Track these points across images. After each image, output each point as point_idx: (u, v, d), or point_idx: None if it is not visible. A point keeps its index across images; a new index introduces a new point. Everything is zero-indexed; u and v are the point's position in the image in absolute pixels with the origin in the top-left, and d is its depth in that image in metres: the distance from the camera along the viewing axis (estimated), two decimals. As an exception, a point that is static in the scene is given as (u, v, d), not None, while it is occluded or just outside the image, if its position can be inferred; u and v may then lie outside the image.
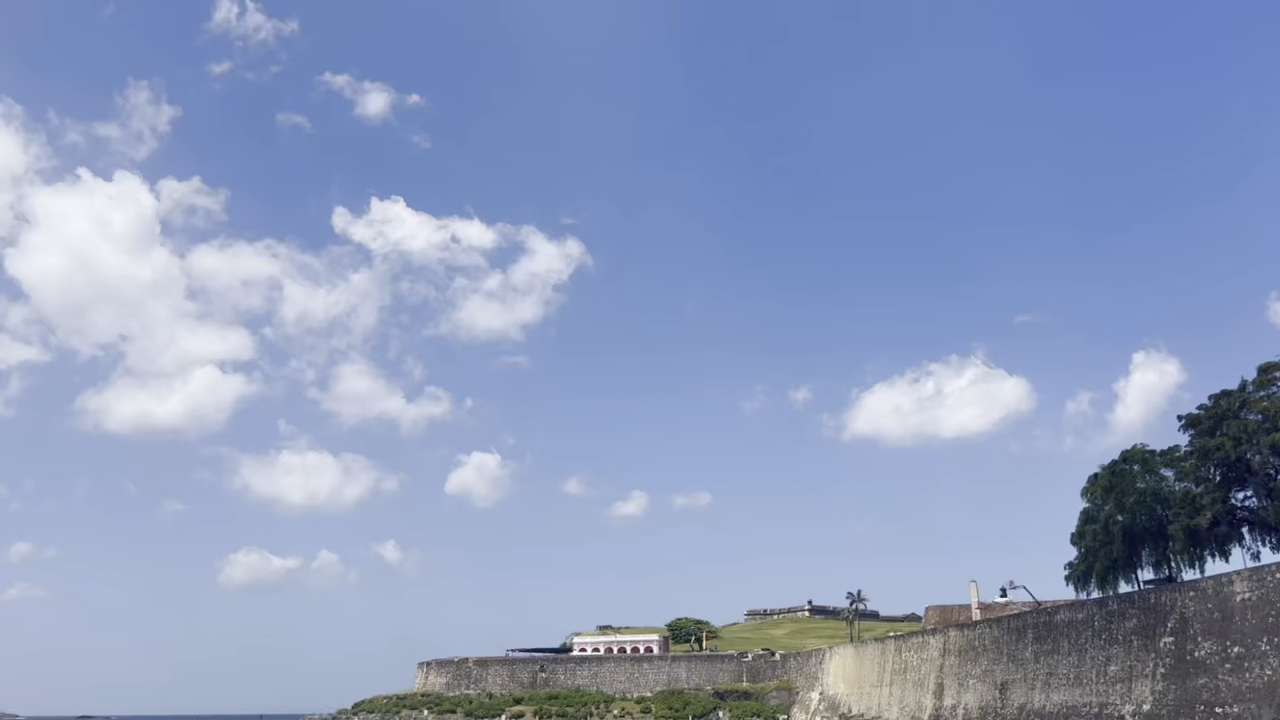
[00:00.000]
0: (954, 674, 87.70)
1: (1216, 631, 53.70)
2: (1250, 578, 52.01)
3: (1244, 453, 58.77)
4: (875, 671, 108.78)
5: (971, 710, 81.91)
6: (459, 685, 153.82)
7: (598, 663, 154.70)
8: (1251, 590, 51.59)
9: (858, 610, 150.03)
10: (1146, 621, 60.52)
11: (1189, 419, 64.73)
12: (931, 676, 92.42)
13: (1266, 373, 60.79)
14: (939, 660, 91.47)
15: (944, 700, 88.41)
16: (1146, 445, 73.77)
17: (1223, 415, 61.80)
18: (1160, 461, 71.76)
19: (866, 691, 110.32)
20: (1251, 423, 58.84)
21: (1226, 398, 62.50)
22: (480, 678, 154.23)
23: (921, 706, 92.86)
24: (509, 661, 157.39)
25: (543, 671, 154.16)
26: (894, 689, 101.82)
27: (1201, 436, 62.29)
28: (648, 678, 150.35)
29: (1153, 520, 69.38)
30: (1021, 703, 73.74)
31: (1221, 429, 60.92)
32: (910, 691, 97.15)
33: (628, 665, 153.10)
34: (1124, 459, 74.05)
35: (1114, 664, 62.83)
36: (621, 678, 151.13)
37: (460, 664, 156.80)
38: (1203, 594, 55.82)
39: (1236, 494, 61.70)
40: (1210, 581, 55.69)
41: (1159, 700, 57.24)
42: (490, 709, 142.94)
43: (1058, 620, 71.74)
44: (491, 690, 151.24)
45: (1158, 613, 59.65)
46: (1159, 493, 69.59)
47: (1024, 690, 74.05)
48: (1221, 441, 59.47)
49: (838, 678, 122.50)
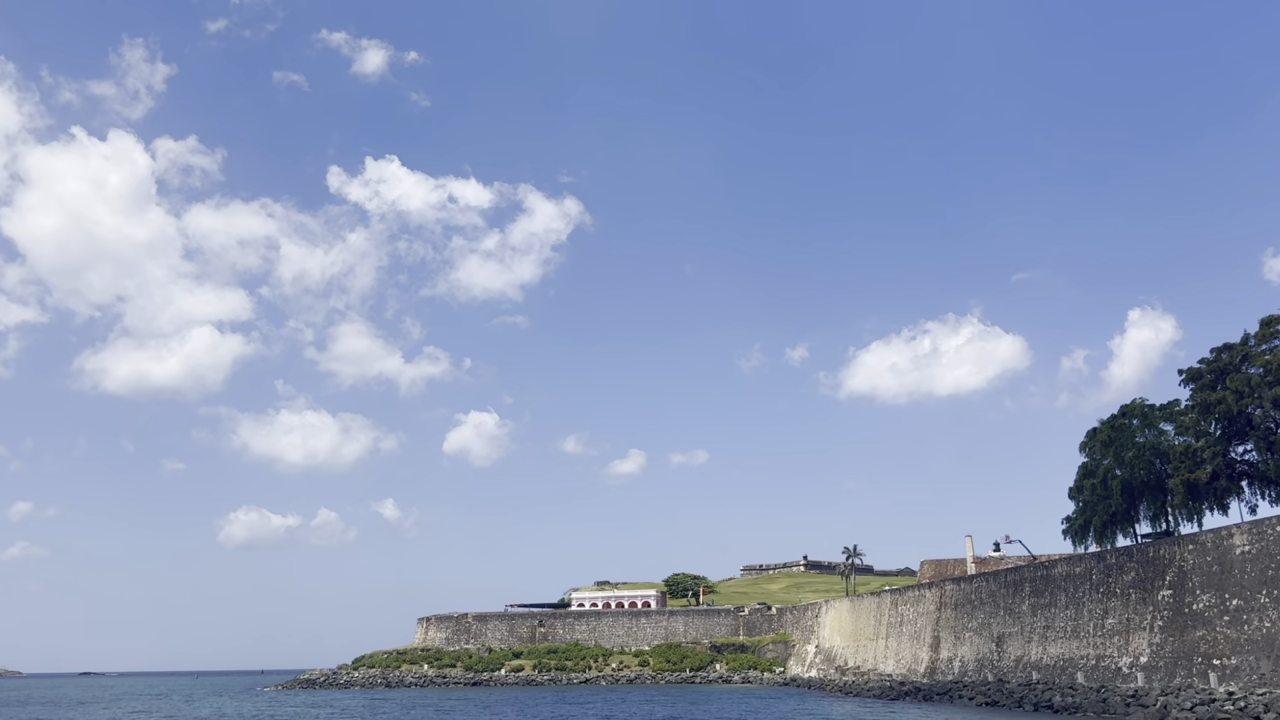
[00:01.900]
0: (950, 627, 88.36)
1: (1215, 584, 53.85)
2: (1250, 531, 52.01)
3: (1245, 406, 58.44)
4: (871, 625, 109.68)
5: (968, 663, 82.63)
6: (458, 640, 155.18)
7: (596, 617, 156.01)
8: (1251, 543, 51.62)
9: (854, 565, 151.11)
10: (1145, 575, 60.72)
11: (1190, 373, 64.30)
12: (928, 629, 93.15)
13: (1269, 326, 60.20)
14: (935, 614, 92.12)
15: (940, 653, 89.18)
16: (1146, 400, 73.52)
17: (1224, 369, 61.39)
18: (1160, 416, 71.48)
19: (863, 645, 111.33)
20: (1254, 376, 58.41)
21: (1228, 351, 62.04)
22: (480, 633, 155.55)
23: (918, 659, 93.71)
24: (508, 617, 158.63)
25: (541, 626, 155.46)
26: (890, 642, 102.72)
27: (1203, 391, 61.92)
28: (645, 632, 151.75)
29: (1151, 474, 69.29)
30: (1018, 655, 74.32)
31: (1223, 383, 60.53)
32: (906, 644, 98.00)
33: (625, 620, 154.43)
34: (1123, 413, 73.77)
35: (1111, 617, 63.16)
36: (620, 632, 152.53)
37: (460, 619, 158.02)
38: (1202, 547, 55.90)
39: (1236, 448, 61.49)
40: (1210, 535, 55.73)
41: (1156, 652, 57.59)
42: (489, 663, 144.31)
43: (1055, 574, 72.04)
44: (491, 645, 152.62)
45: (1156, 566, 59.82)
46: (1158, 447, 69.41)
47: (1021, 643, 74.60)
48: (1223, 395, 59.11)
49: (834, 631, 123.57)
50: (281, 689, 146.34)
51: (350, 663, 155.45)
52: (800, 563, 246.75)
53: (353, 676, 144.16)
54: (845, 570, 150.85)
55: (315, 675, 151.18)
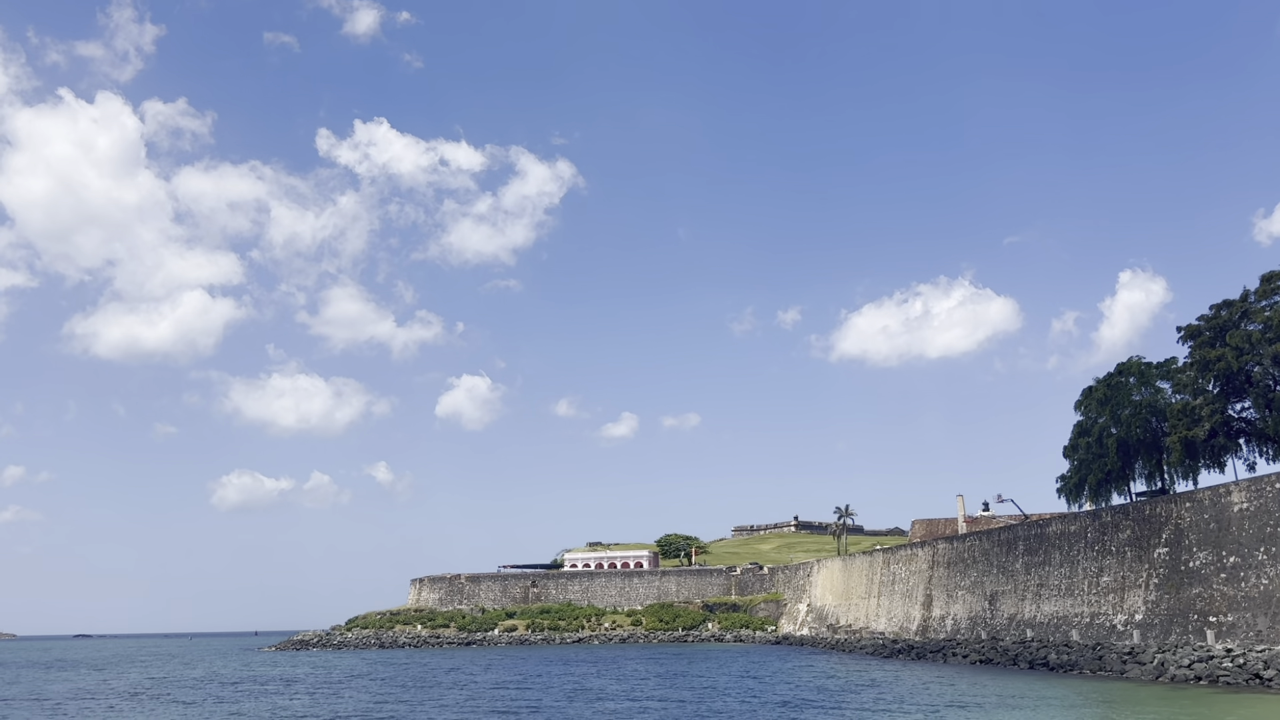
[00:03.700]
0: (943, 585, 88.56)
1: (1212, 541, 53.65)
2: (1249, 488, 51.69)
3: (1245, 363, 57.83)
4: (863, 584, 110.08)
5: (961, 621, 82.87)
6: (452, 601, 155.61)
7: (589, 578, 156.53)
8: (1250, 500, 51.33)
9: (845, 525, 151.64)
10: (1141, 532, 60.55)
11: (1188, 330, 63.58)
12: (920, 588, 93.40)
13: (1270, 282, 59.36)
14: (928, 572, 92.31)
15: (933, 611, 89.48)
16: (1143, 358, 72.91)
17: (1223, 326, 60.66)
18: (1156, 374, 70.94)
19: (854, 603, 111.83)
20: (1254, 333, 57.74)
21: (1227, 308, 61.26)
22: (473, 593, 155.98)
23: (910, 617, 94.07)
24: (501, 577, 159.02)
25: (534, 587, 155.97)
26: (882, 600, 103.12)
27: (1202, 348, 61.25)
28: (638, 592, 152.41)
29: (1147, 432, 68.92)
30: (1012, 613, 74.47)
31: (1222, 339, 59.87)
32: (899, 603, 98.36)
33: (618, 580, 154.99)
34: (1119, 371, 73.23)
35: (1106, 575, 63.12)
36: (612, 592, 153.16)
37: (453, 580, 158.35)
38: (1199, 504, 55.64)
39: (1234, 405, 61.01)
40: (1207, 492, 55.43)
41: (1152, 610, 57.56)
42: (483, 623, 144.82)
43: (1049, 532, 71.95)
44: (484, 605, 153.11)
45: (1152, 524, 59.62)
46: (1154, 405, 68.96)
47: (1014, 601, 74.71)
48: (1223, 352, 58.44)
49: (825, 590, 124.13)
50: (275, 650, 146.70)
51: (344, 623, 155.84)
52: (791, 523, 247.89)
53: (346, 637, 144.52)
54: (837, 530, 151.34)
55: (309, 636, 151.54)
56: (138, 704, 56.00)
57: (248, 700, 56.71)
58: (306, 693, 61.50)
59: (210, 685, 70.64)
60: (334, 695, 58.66)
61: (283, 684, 70.53)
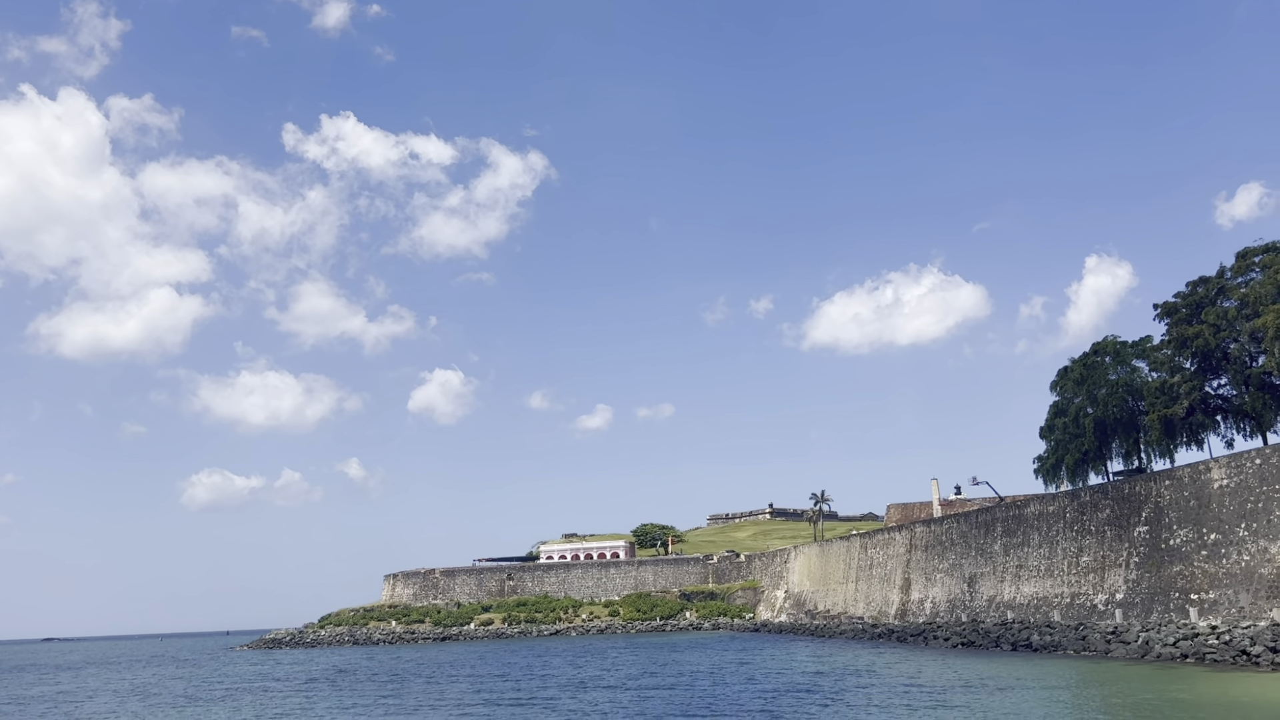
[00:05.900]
0: (921, 569, 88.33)
1: (1193, 519, 53.43)
2: (1229, 464, 51.47)
3: (1222, 340, 57.64)
4: (841, 569, 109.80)
5: (939, 604, 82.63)
6: (426, 596, 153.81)
7: (565, 569, 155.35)
8: (1230, 477, 51.11)
9: (821, 511, 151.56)
10: (1120, 511, 60.33)
11: (1165, 307, 63.34)
12: (898, 572, 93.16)
13: (1245, 258, 59.25)
14: (905, 556, 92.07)
15: (911, 595, 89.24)
16: (1118, 337, 72.75)
17: (1200, 303, 60.47)
18: (1132, 353, 70.76)
19: (832, 588, 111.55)
20: (1230, 310, 57.57)
21: (1204, 285, 61.06)
22: (448, 588, 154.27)
23: (888, 601, 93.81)
24: (476, 571, 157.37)
25: (510, 580, 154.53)
26: (860, 585, 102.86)
27: (1179, 325, 61.05)
28: (615, 582, 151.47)
29: (1124, 411, 68.70)
30: (991, 595, 74.24)
31: (1199, 317, 59.66)
32: (876, 587, 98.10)
33: (595, 571, 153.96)
34: (1095, 351, 72.97)
35: (1086, 554, 62.89)
36: (589, 583, 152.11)
37: (427, 575, 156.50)
38: (1179, 482, 55.43)
39: (1212, 382, 60.87)
40: (1187, 469, 55.22)
41: (1132, 588, 57.35)
42: (458, 618, 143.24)
43: (1027, 513, 71.73)
44: (460, 599, 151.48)
45: (1132, 502, 59.41)
46: (1131, 384, 68.75)
47: (993, 583, 74.49)
48: (1200, 330, 58.23)
49: (803, 576, 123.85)
50: (247, 649, 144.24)
51: (317, 621, 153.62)
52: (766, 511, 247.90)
53: (319, 635, 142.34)
54: (813, 516, 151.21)
55: (281, 635, 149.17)
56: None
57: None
58: (297, 691, 59.86)
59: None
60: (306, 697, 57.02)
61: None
